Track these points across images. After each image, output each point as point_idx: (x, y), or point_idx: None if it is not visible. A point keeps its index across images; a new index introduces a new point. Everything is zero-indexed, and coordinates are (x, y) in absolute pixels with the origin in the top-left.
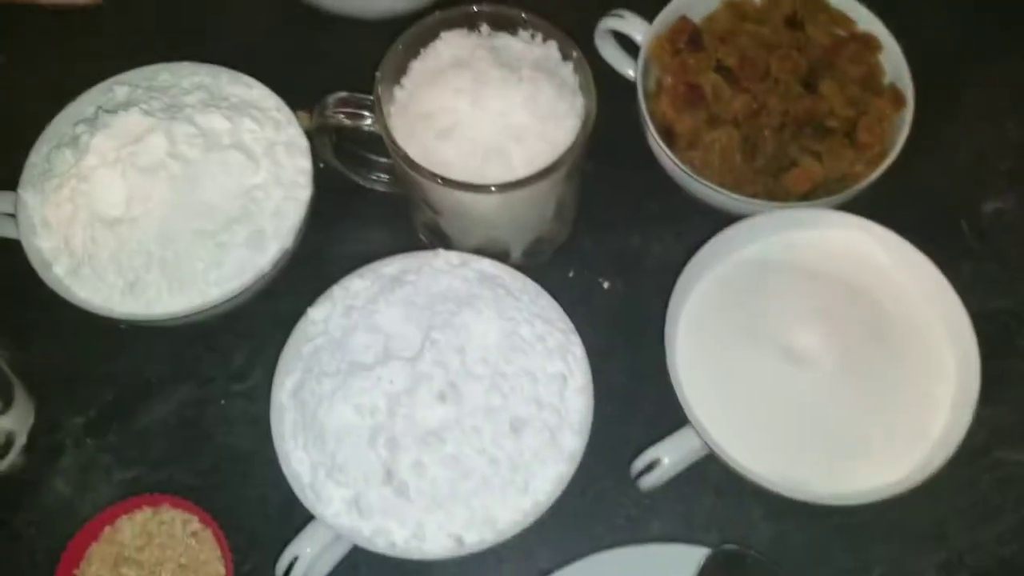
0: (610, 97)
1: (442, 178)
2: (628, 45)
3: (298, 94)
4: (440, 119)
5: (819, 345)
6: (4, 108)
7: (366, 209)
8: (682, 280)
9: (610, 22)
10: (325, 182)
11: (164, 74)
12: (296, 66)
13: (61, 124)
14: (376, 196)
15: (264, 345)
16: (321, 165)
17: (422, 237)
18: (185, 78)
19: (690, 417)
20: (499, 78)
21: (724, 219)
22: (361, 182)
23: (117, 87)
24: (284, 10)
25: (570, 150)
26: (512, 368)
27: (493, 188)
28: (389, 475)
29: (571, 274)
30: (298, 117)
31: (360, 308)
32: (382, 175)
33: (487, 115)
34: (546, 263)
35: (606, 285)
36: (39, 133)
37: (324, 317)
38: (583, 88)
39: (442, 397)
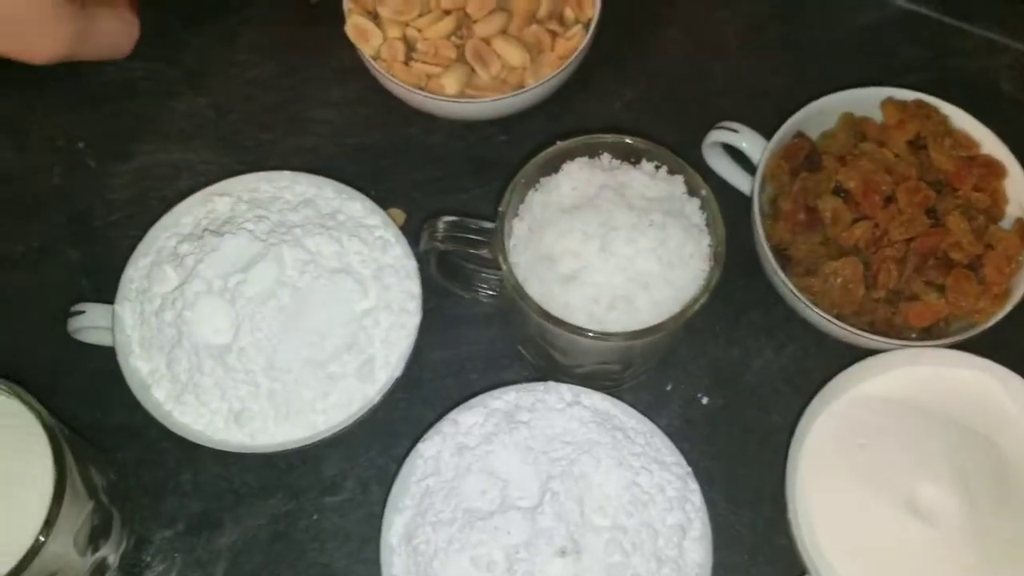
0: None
1: (568, 325)
2: (737, 154)
3: (387, 186)
4: (565, 263)
5: (944, 498)
6: (85, 195)
7: (460, 310)
8: (803, 422)
9: (721, 135)
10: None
11: (264, 184)
12: (382, 157)
13: (158, 235)
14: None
15: (355, 455)
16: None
17: (524, 352)
18: (286, 189)
19: (811, 570)
20: (628, 223)
21: (825, 335)
22: (465, 294)
23: (217, 198)
24: (372, 102)
25: (698, 297)
26: (632, 522)
27: (620, 336)
28: None
29: (669, 387)
30: (391, 214)
31: (473, 448)
32: (486, 287)
33: (614, 261)
34: (642, 376)
35: (705, 400)
36: (123, 223)
37: (435, 454)
38: (709, 226)
39: (562, 552)
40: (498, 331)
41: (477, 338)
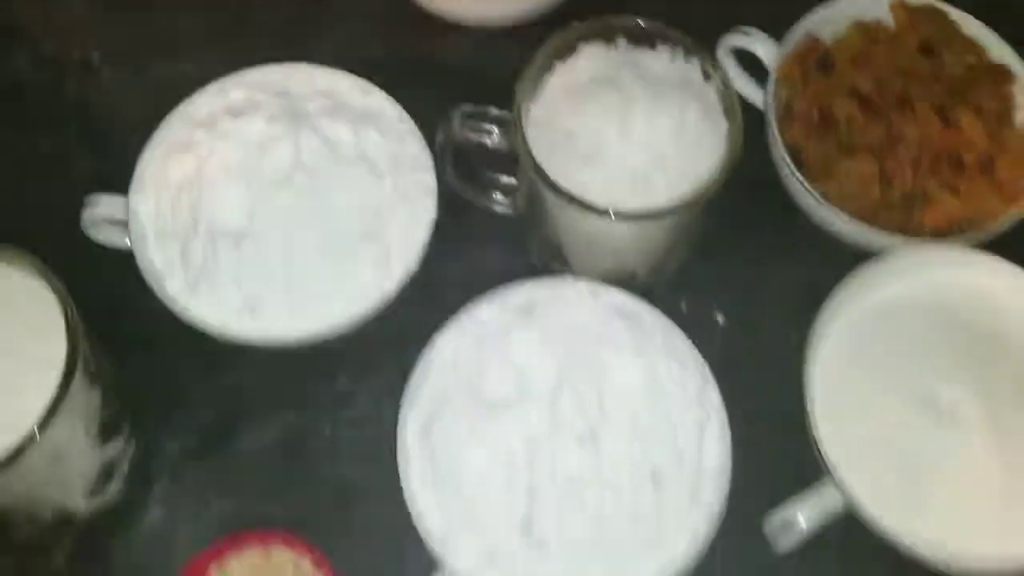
0: None
1: (584, 203)
2: (749, 64)
3: (411, 102)
4: (584, 141)
5: (965, 401)
6: (102, 108)
7: (476, 226)
8: (817, 327)
9: (734, 39)
10: None
11: (278, 76)
12: (405, 73)
13: (173, 126)
14: (486, 214)
15: (369, 368)
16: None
17: (537, 262)
18: (304, 82)
19: (834, 476)
20: (647, 99)
21: (844, 248)
22: (477, 202)
23: (232, 89)
24: (393, 13)
25: (716, 180)
26: (651, 415)
27: (638, 216)
28: (527, 526)
29: (683, 306)
30: None
31: (490, 340)
32: (500, 195)
33: (633, 139)
34: (657, 295)
35: (721, 320)
36: (140, 135)
37: (452, 347)
38: (727, 112)
39: (581, 442)
40: (513, 248)
41: (491, 257)
